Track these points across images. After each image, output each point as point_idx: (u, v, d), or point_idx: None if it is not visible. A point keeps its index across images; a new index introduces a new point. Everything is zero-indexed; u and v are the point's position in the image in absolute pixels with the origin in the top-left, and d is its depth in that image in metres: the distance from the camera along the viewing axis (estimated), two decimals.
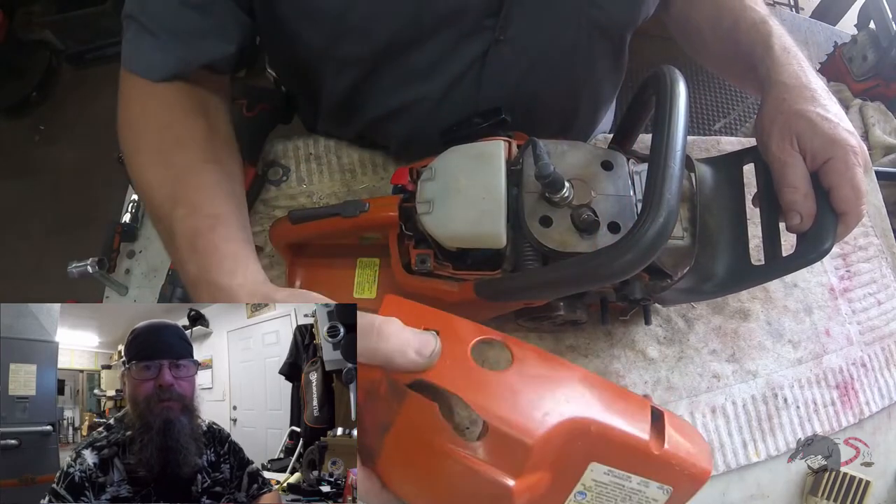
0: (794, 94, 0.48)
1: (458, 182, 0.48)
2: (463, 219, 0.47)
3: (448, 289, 0.49)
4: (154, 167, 0.50)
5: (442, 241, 0.48)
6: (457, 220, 0.47)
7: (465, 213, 0.47)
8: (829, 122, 0.46)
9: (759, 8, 0.58)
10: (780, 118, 0.47)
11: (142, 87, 0.53)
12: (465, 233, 0.47)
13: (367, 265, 0.62)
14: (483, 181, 0.48)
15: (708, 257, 0.48)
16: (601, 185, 0.49)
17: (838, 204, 0.45)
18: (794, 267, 0.45)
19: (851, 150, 0.44)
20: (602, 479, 0.33)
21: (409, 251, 0.52)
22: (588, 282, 0.40)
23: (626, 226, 0.47)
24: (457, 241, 0.48)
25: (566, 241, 0.46)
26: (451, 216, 0.48)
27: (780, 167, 0.47)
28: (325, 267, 0.63)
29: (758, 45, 0.54)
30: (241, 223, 0.49)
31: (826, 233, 0.44)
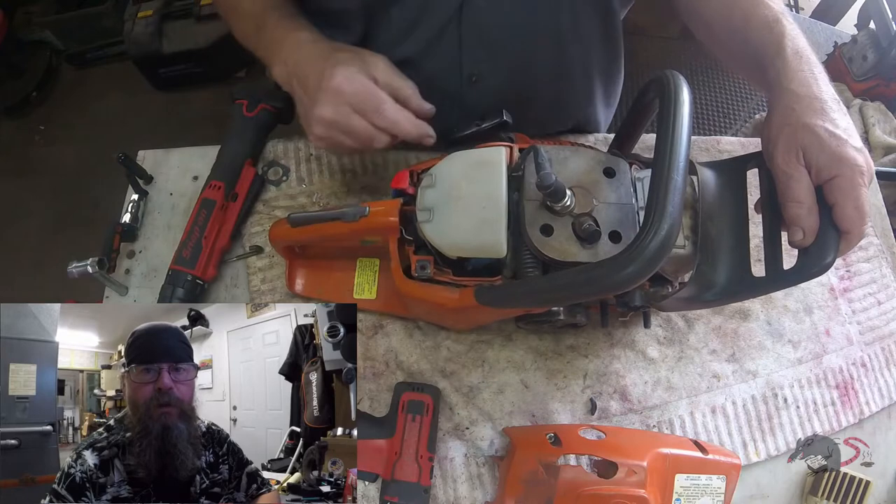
0: (803, 105, 0.47)
1: (459, 190, 0.49)
2: (464, 228, 0.47)
3: (448, 295, 0.50)
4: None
5: (442, 249, 0.49)
6: (457, 228, 0.48)
7: (465, 222, 0.47)
8: (837, 138, 0.45)
9: (774, 4, 0.56)
10: (788, 129, 0.47)
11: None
12: (466, 242, 0.48)
13: (367, 266, 0.62)
14: (484, 189, 0.48)
15: (709, 266, 0.48)
16: (603, 192, 0.49)
17: (841, 222, 0.44)
18: (794, 280, 0.45)
19: (858, 171, 0.44)
20: (685, 484, 0.52)
21: (409, 256, 0.52)
22: (589, 293, 0.40)
23: (628, 235, 0.47)
24: (457, 250, 0.48)
25: (567, 250, 0.46)
26: (451, 225, 0.48)
27: (785, 180, 0.46)
28: (325, 268, 0.63)
29: (770, 46, 0.53)
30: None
31: (828, 249, 0.44)
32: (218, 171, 0.66)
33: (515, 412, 0.59)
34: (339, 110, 0.51)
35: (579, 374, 0.61)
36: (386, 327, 0.62)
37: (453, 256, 0.49)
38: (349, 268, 0.62)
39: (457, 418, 0.58)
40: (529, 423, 0.59)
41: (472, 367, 0.61)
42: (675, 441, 0.57)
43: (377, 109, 0.51)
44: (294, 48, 0.56)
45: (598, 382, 0.61)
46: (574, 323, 0.54)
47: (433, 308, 0.53)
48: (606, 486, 0.49)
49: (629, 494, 0.49)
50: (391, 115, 0.51)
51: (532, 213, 0.47)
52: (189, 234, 0.62)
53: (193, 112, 1.97)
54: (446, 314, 0.56)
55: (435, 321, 0.61)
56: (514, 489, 0.50)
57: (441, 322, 0.61)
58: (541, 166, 0.45)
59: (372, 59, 0.53)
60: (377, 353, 0.61)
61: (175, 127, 1.93)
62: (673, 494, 0.52)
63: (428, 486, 0.54)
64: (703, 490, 0.52)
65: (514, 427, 0.58)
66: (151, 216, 0.71)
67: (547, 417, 0.59)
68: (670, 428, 0.60)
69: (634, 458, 0.50)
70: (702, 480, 0.52)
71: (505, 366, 0.61)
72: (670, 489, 0.52)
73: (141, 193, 0.71)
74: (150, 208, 0.72)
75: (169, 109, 2.01)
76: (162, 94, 2.04)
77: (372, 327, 0.62)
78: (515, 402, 0.59)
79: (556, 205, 0.46)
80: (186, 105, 2.01)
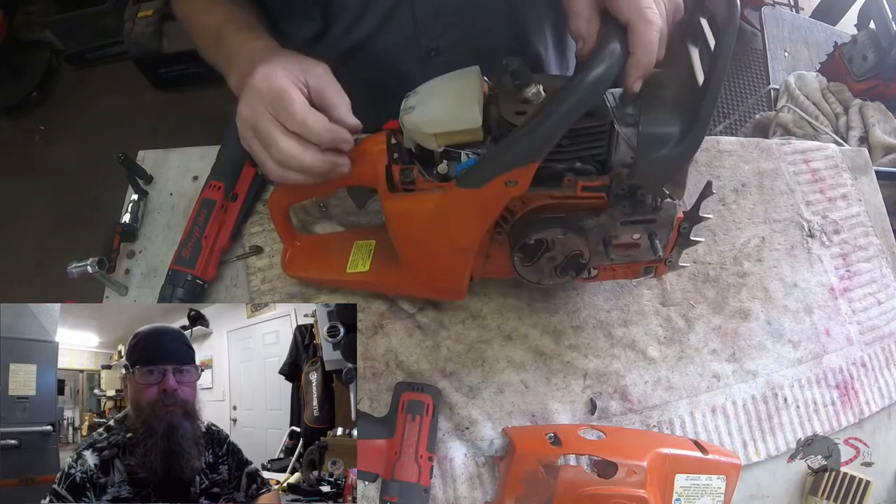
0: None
1: (438, 87, 0.51)
2: (441, 105, 0.49)
3: (432, 198, 0.50)
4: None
5: (422, 128, 0.49)
6: (435, 107, 0.49)
7: (443, 101, 0.49)
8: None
9: None
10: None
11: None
12: (443, 116, 0.49)
13: (363, 247, 0.62)
14: (460, 79, 0.50)
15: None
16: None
17: (619, 14, 0.43)
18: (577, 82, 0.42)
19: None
20: (685, 484, 0.52)
21: (394, 176, 0.52)
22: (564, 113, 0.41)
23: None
24: (434, 124, 0.48)
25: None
26: (429, 106, 0.50)
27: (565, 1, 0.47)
28: (321, 249, 0.64)
29: None
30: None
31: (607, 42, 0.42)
32: (218, 171, 0.66)
33: (515, 412, 0.59)
34: (254, 109, 0.48)
35: (579, 374, 0.61)
36: (386, 327, 0.62)
37: (435, 145, 0.49)
38: (345, 250, 0.62)
39: (457, 418, 0.58)
40: (529, 423, 0.59)
41: (472, 367, 0.61)
42: (675, 441, 0.57)
43: (286, 109, 0.47)
44: (248, 58, 0.54)
45: (598, 382, 0.61)
46: (574, 254, 0.52)
47: (418, 220, 0.52)
48: (606, 486, 0.49)
49: (629, 494, 0.49)
50: (300, 116, 0.46)
51: (507, 101, 0.47)
52: (189, 234, 0.62)
53: (193, 112, 1.97)
54: (435, 255, 0.54)
55: (424, 278, 0.58)
56: (513, 489, 0.51)
57: (432, 280, 0.58)
58: (510, 63, 0.46)
59: (309, 65, 0.50)
60: (377, 353, 0.61)
61: (175, 127, 1.93)
62: (673, 494, 0.52)
63: (428, 486, 0.54)
64: (703, 490, 0.53)
65: (514, 427, 0.58)
66: (151, 216, 0.71)
67: (547, 417, 0.59)
68: (670, 428, 0.60)
69: (634, 458, 0.51)
70: (702, 480, 0.53)
71: (505, 366, 0.61)
72: (670, 489, 0.52)
73: (141, 193, 0.71)
74: (150, 208, 0.72)
75: (169, 109, 2.01)
76: (162, 94, 2.04)
77: (372, 327, 0.62)
78: (515, 402, 0.59)
79: (527, 90, 0.46)
80: (186, 105, 2.01)
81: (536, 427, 0.58)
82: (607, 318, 0.64)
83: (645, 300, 0.65)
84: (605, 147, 0.47)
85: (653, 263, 0.55)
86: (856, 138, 1.10)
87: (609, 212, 0.50)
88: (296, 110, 0.47)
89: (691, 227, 0.52)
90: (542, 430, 0.56)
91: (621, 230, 0.51)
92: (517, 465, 0.51)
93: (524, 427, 0.58)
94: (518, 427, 0.58)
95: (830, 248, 0.72)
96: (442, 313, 0.63)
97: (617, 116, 0.46)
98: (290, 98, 0.47)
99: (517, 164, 0.45)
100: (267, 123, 0.47)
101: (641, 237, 0.52)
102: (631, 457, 0.51)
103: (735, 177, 0.74)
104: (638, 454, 0.51)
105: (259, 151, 0.49)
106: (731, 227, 0.71)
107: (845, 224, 0.73)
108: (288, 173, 0.49)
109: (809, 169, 0.77)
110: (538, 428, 0.58)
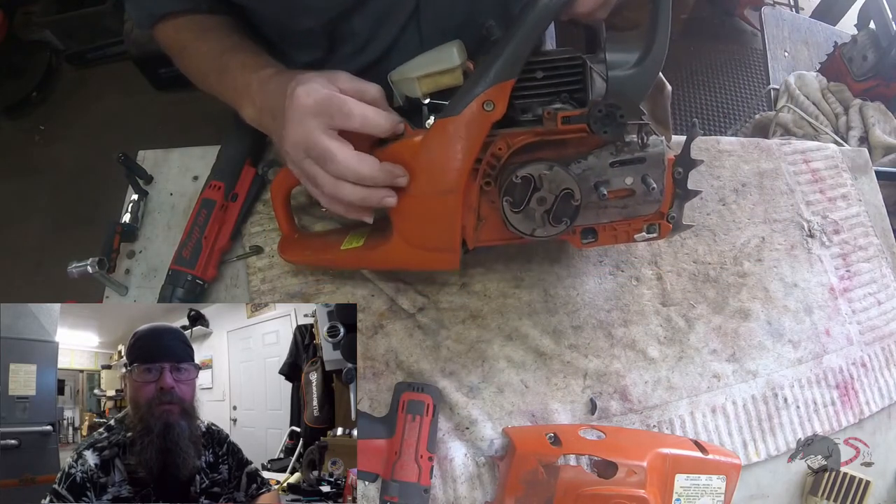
0: None
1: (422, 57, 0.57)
2: (423, 56, 0.55)
3: (416, 140, 0.51)
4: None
5: (406, 74, 0.54)
6: (418, 59, 0.55)
7: (424, 55, 0.55)
8: None
9: None
10: None
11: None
12: (423, 60, 0.54)
13: (360, 231, 0.62)
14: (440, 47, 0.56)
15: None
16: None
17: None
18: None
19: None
20: (685, 484, 0.53)
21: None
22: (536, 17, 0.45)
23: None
24: (416, 69, 0.53)
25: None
26: (414, 59, 0.56)
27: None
28: (319, 237, 0.65)
29: None
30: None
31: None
32: (218, 171, 0.66)
33: (515, 412, 0.59)
34: (304, 125, 0.48)
35: (579, 374, 0.61)
36: (386, 327, 0.62)
37: (419, 93, 0.53)
38: (342, 234, 0.62)
39: (457, 418, 0.58)
40: (529, 423, 0.59)
41: (472, 367, 0.61)
42: (675, 441, 0.57)
43: (341, 109, 0.47)
44: (260, 86, 0.54)
45: (598, 382, 0.61)
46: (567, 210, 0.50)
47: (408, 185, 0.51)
48: (606, 486, 0.50)
49: (629, 494, 0.49)
50: (358, 111, 0.48)
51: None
52: (189, 234, 0.62)
53: (193, 112, 1.96)
54: (423, 202, 0.52)
55: (416, 239, 0.55)
56: (513, 489, 0.51)
57: (423, 239, 0.55)
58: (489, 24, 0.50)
59: (333, 74, 0.51)
60: (377, 353, 0.61)
61: (175, 127, 1.93)
62: (673, 494, 0.52)
63: (428, 486, 0.54)
64: (703, 490, 0.53)
65: (514, 427, 0.58)
66: (151, 216, 0.71)
67: (547, 417, 0.59)
68: (670, 428, 0.60)
69: (634, 458, 0.51)
70: (702, 480, 0.53)
71: (505, 366, 0.61)
72: (670, 489, 0.52)
73: (141, 193, 0.71)
74: (150, 208, 0.72)
75: (169, 109, 2.01)
76: (162, 94, 2.04)
77: (372, 327, 0.62)
78: (515, 402, 0.59)
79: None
80: (186, 105, 2.01)
81: (536, 427, 0.58)
82: (607, 318, 0.64)
83: (645, 300, 0.65)
84: (582, 83, 0.49)
85: (655, 220, 0.53)
86: (856, 138, 1.10)
87: (596, 153, 0.50)
88: (352, 108, 0.48)
89: (686, 172, 0.51)
90: (542, 430, 0.56)
91: (611, 173, 0.50)
92: (517, 465, 0.51)
93: (524, 427, 0.58)
94: (518, 427, 0.58)
95: (830, 249, 0.72)
96: (442, 313, 0.63)
97: (589, 59, 0.49)
98: (342, 98, 0.48)
99: (492, 81, 0.47)
100: (321, 136, 0.47)
101: (635, 181, 0.50)
102: (631, 457, 0.51)
103: (735, 177, 0.74)
104: (638, 454, 0.51)
105: (313, 171, 0.49)
106: (732, 227, 0.71)
107: (845, 224, 0.74)
108: (342, 188, 0.49)
109: (809, 169, 0.77)
110: (538, 428, 0.58)
